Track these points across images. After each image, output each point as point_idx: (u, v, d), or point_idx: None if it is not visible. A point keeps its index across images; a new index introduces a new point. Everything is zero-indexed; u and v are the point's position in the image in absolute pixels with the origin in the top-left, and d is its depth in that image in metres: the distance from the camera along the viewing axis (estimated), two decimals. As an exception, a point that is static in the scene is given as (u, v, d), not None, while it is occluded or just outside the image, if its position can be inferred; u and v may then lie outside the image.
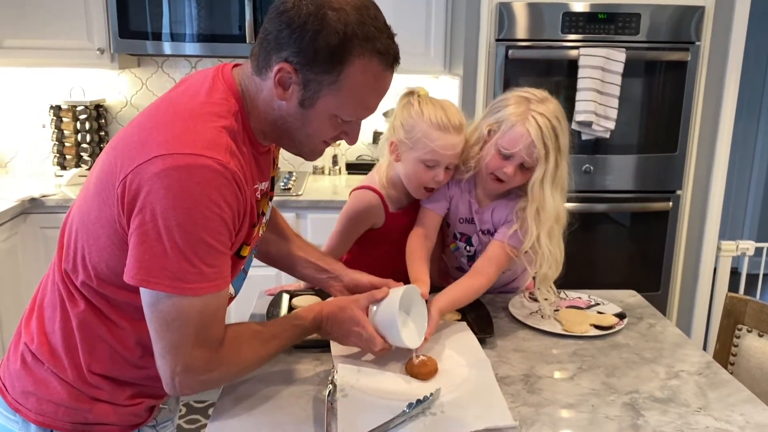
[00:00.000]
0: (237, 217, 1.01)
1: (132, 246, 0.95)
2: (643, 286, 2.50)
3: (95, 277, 1.04)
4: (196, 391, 1.04)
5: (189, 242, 0.93)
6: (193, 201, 0.92)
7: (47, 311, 1.10)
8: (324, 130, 1.07)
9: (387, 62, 1.03)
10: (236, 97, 1.05)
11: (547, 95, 1.50)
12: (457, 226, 1.68)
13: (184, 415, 2.78)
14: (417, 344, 1.27)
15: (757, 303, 1.55)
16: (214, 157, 0.94)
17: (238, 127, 1.03)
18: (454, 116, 1.51)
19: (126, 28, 2.72)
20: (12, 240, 2.54)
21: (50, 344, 1.09)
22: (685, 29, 2.57)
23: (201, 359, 1.01)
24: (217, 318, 1.03)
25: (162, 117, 1.00)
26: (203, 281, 0.96)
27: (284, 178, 2.96)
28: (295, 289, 1.66)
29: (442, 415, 1.11)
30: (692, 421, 1.14)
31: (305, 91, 1.01)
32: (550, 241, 1.49)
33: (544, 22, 2.54)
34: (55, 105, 2.99)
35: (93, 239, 1.02)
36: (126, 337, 1.08)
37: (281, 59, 0.99)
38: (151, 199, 0.92)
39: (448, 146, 1.50)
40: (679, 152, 2.69)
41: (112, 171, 0.97)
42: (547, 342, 1.45)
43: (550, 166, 1.46)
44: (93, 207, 1.01)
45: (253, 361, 1.13)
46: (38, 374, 1.09)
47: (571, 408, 1.18)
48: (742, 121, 4.29)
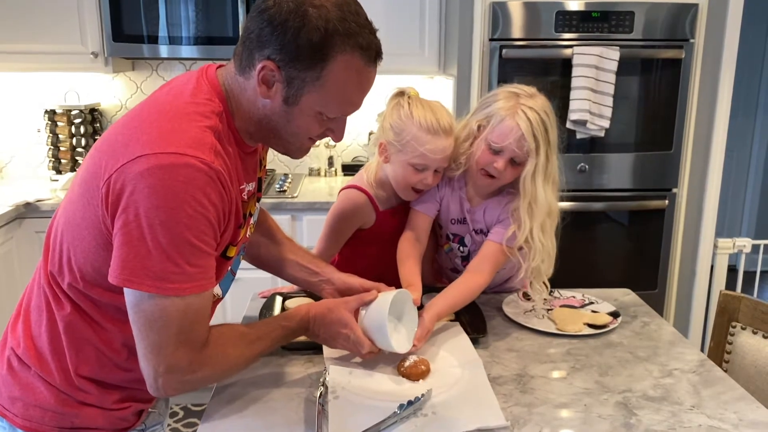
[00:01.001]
0: (222, 217, 1.01)
1: (116, 246, 0.95)
2: (641, 285, 2.51)
3: (81, 279, 1.03)
4: (180, 391, 1.03)
5: (172, 242, 0.93)
6: (177, 200, 0.92)
7: (33, 315, 1.10)
8: (309, 127, 1.07)
9: (369, 57, 1.03)
10: (220, 98, 1.05)
11: (536, 91, 1.51)
12: (450, 227, 1.67)
13: (180, 418, 2.77)
14: (406, 349, 1.27)
15: (751, 300, 1.55)
16: (199, 156, 0.94)
17: (223, 127, 1.03)
18: (443, 119, 1.49)
19: (120, 31, 2.72)
20: (7, 245, 2.54)
21: (37, 348, 1.08)
22: (679, 27, 2.57)
23: (184, 359, 1.00)
24: (200, 318, 1.02)
25: (146, 117, 1.00)
26: (186, 281, 0.96)
27: (280, 180, 2.96)
28: (288, 292, 1.65)
29: (434, 416, 1.11)
30: (685, 420, 1.13)
31: (289, 89, 1.01)
32: (543, 234, 1.49)
33: (538, 21, 2.54)
34: (50, 109, 2.99)
35: (78, 241, 1.02)
36: (112, 339, 1.08)
37: (264, 57, 0.99)
38: (135, 198, 0.92)
39: (437, 150, 1.49)
40: (675, 150, 2.69)
41: (97, 172, 0.97)
42: (541, 341, 1.45)
43: (541, 160, 1.46)
44: (78, 208, 1.01)
45: (239, 362, 1.12)
46: (24, 379, 1.09)
47: (563, 407, 1.17)
48: (739, 118, 4.29)
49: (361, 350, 1.22)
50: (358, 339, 1.21)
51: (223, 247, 1.08)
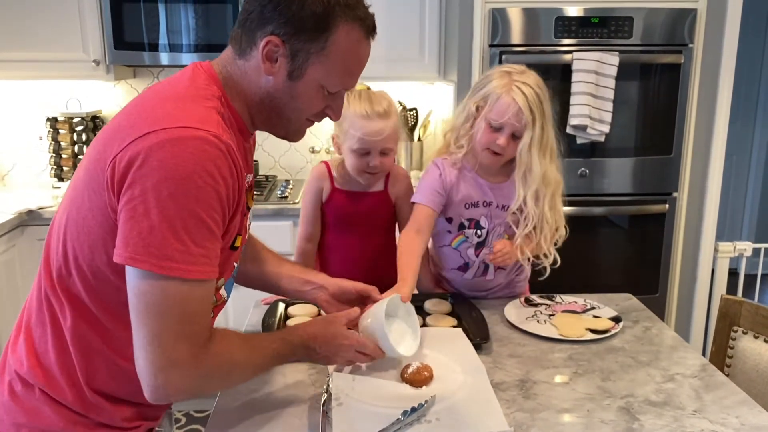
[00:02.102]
0: (232, 195, 0.98)
1: (120, 224, 0.92)
2: (642, 289, 2.51)
3: (89, 275, 1.00)
4: (183, 392, 0.97)
5: (179, 214, 0.90)
6: (187, 171, 0.89)
7: (36, 331, 1.06)
8: (312, 102, 1.08)
9: (367, 29, 1.06)
10: (218, 85, 1.04)
11: (526, 68, 1.60)
12: (464, 213, 1.69)
13: (183, 425, 2.77)
14: (413, 352, 1.28)
15: (752, 304, 1.55)
16: (208, 130, 0.93)
17: (225, 112, 1.03)
18: (378, 104, 1.61)
19: (121, 39, 2.74)
20: (10, 252, 2.55)
21: (43, 365, 1.04)
22: (678, 32, 2.58)
23: (186, 353, 0.95)
24: (202, 311, 0.98)
25: (149, 104, 0.99)
26: (191, 263, 0.92)
27: (281, 186, 2.97)
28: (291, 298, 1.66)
29: (438, 422, 1.11)
30: (687, 425, 1.13)
31: (293, 62, 1.02)
32: (535, 202, 1.60)
33: (537, 27, 2.55)
34: (52, 117, 3.00)
35: (85, 236, 0.98)
36: (122, 346, 1.03)
37: (267, 33, 1.00)
38: (141, 173, 0.89)
39: (373, 132, 1.60)
40: (675, 154, 2.70)
41: (101, 159, 0.95)
42: (543, 347, 1.45)
43: (536, 132, 1.55)
44: (84, 202, 0.98)
45: (246, 368, 1.09)
46: (29, 403, 1.04)
47: (566, 413, 1.18)
48: (738, 122, 4.30)
49: (365, 350, 1.21)
50: (360, 343, 1.20)
51: (233, 236, 1.06)
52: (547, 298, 1.72)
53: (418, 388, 1.23)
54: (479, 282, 1.75)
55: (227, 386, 1.17)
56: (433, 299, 1.65)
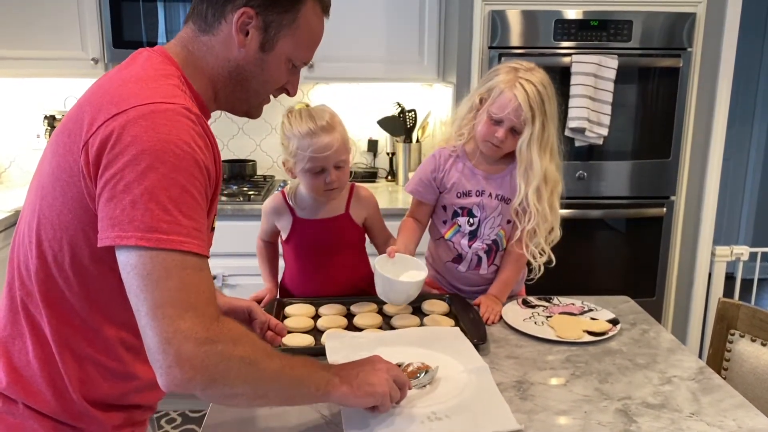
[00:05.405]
0: (210, 165, 0.95)
1: (101, 208, 0.88)
2: (639, 292, 2.51)
3: (73, 274, 0.96)
4: (199, 368, 0.86)
5: (161, 183, 0.86)
6: (162, 142, 0.87)
7: (15, 345, 1.00)
8: (279, 75, 1.09)
9: (325, 7, 1.10)
10: (175, 65, 1.03)
11: (535, 65, 1.64)
12: (456, 202, 1.73)
13: (178, 424, 2.76)
14: (423, 276, 1.47)
15: (749, 308, 1.55)
16: (178, 103, 0.92)
17: (186, 90, 1.01)
18: (320, 119, 1.57)
19: (120, 37, 2.74)
20: (6, 250, 2.54)
21: (25, 378, 0.99)
22: (676, 36, 2.58)
23: (196, 322, 0.86)
24: (204, 284, 0.90)
25: (110, 86, 0.96)
26: (181, 234, 0.87)
27: (279, 187, 2.96)
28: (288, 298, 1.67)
29: (448, 420, 1.11)
30: (684, 427, 1.13)
31: (266, 34, 1.03)
32: (537, 199, 1.63)
33: (536, 30, 2.55)
34: (50, 115, 3.00)
35: (62, 232, 0.95)
36: (111, 346, 1.01)
37: (240, 5, 1.01)
38: (117, 151, 0.87)
39: (321, 148, 1.55)
40: (673, 158, 2.70)
41: (69, 149, 0.93)
42: (540, 348, 1.45)
43: (536, 129, 1.58)
44: (57, 197, 0.94)
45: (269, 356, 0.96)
46: (11, 420, 0.99)
47: (563, 414, 1.18)
48: (736, 126, 4.31)
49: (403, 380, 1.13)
50: (398, 374, 1.13)
51: (213, 214, 1.04)
52: (544, 300, 1.72)
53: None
54: (473, 275, 1.76)
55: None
56: (430, 300, 1.64)
